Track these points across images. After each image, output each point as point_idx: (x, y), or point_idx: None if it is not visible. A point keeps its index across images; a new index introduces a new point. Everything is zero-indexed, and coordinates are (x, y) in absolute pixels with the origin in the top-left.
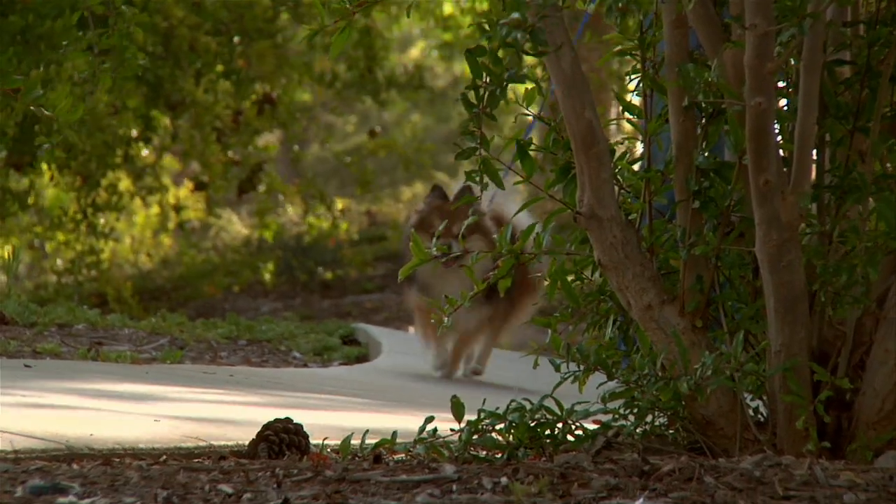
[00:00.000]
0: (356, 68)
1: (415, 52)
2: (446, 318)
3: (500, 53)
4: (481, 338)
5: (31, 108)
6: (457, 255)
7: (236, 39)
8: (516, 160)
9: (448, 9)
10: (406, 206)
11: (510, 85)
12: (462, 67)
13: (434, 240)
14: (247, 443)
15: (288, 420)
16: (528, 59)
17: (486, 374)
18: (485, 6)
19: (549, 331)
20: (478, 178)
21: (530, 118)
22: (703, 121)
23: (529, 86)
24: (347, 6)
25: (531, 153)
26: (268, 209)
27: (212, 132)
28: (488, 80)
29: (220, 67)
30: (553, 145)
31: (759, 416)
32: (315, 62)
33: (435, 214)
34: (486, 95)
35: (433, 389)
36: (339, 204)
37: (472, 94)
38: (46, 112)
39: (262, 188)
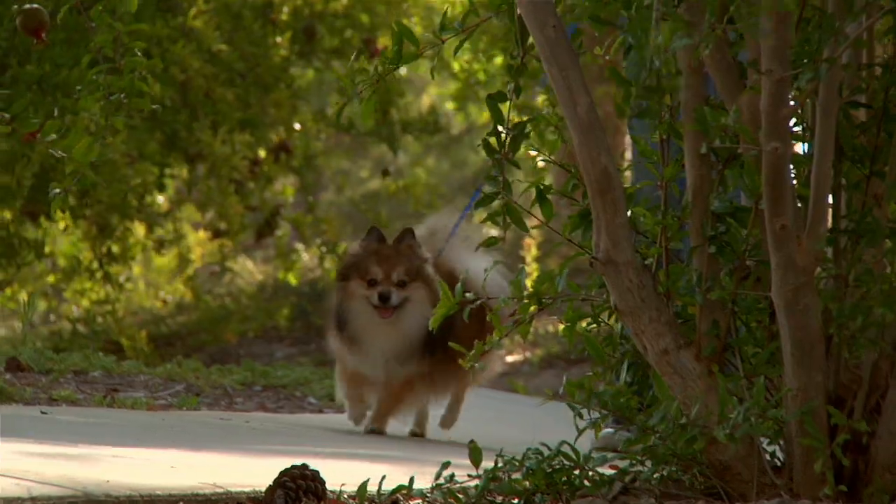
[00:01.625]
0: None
1: (428, 97)
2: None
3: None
4: (418, 397)
5: (49, 153)
6: (395, 305)
7: (252, 89)
8: (479, 206)
9: (457, 66)
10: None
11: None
12: (474, 114)
13: (369, 288)
14: (264, 489)
15: (305, 466)
16: (542, 103)
17: (497, 422)
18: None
19: (564, 377)
20: (500, 223)
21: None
22: (720, 165)
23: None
24: (372, 73)
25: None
26: (288, 252)
27: (229, 184)
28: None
29: (238, 115)
30: (572, 190)
31: (776, 460)
32: (330, 107)
33: (372, 259)
34: (507, 140)
35: (452, 435)
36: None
37: (493, 140)
38: (62, 154)
39: (279, 232)
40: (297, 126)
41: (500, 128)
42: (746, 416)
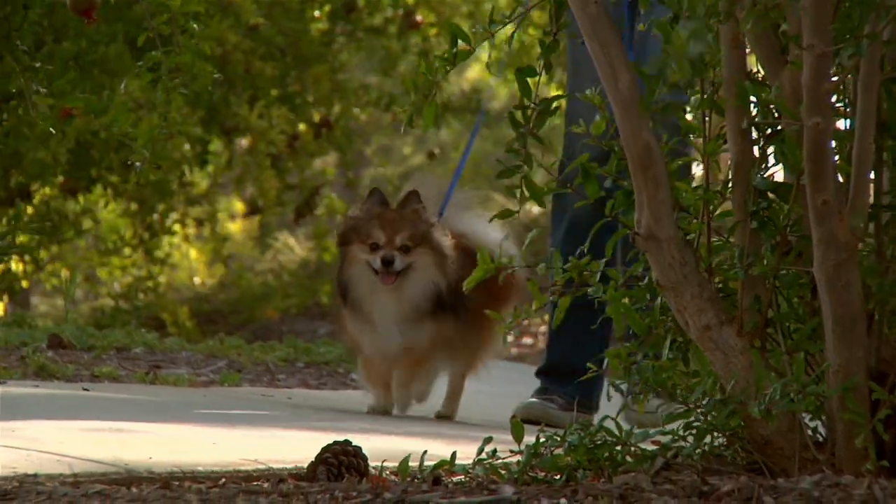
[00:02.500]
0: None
1: (472, 73)
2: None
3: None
4: (430, 365)
5: (86, 128)
6: (398, 269)
7: (291, 63)
8: (500, 177)
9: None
10: None
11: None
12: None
13: (372, 252)
14: (305, 465)
15: (347, 443)
16: None
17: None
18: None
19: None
20: (518, 197)
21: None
22: (761, 141)
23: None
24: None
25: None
26: (325, 232)
27: (266, 157)
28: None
29: (274, 92)
30: (616, 168)
31: (818, 435)
32: (372, 85)
33: (374, 223)
34: (533, 115)
35: (490, 411)
36: None
37: (519, 114)
38: (106, 131)
39: (319, 211)
40: (336, 104)
41: (526, 102)
42: (785, 391)
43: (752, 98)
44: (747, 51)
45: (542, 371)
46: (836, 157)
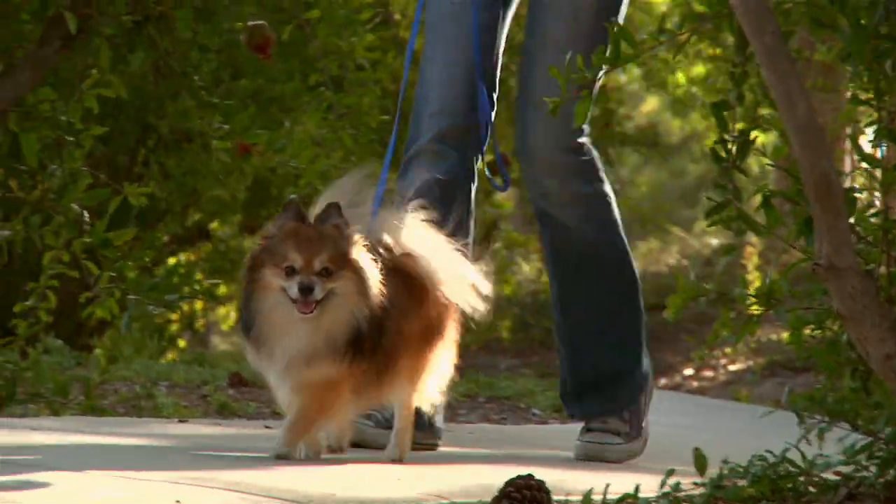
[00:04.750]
0: (594, 125)
1: (647, 106)
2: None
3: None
4: (341, 404)
5: (263, 166)
6: (317, 298)
7: None
8: (709, 215)
9: (681, 78)
10: (641, 260)
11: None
12: (693, 123)
13: (287, 278)
14: (488, 500)
15: (530, 476)
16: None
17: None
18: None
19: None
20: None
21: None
22: None
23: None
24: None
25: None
26: (504, 266)
27: None
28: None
29: None
30: (797, 195)
31: None
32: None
33: (289, 243)
34: (734, 148)
35: (672, 444)
36: None
37: (720, 148)
38: (283, 166)
39: (497, 245)
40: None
41: (725, 136)
42: None
43: None
44: None
45: None
46: None
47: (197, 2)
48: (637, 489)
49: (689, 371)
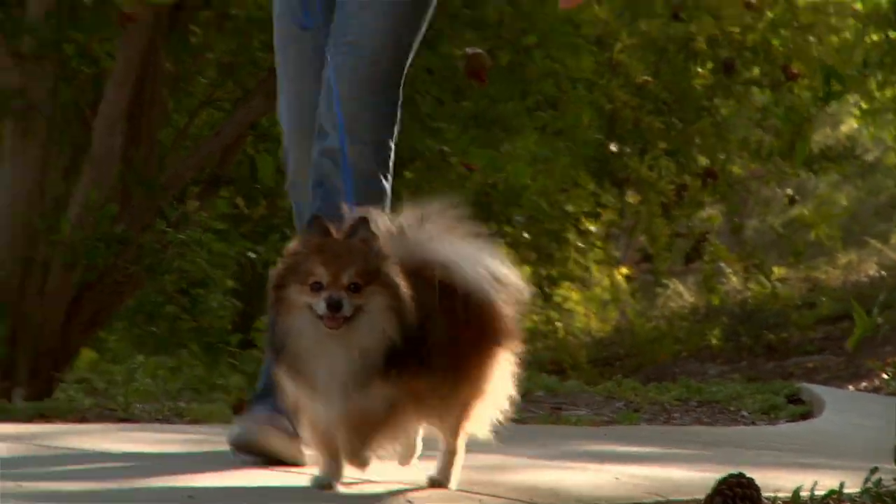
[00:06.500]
0: (782, 141)
1: (846, 127)
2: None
3: None
4: (395, 432)
5: (484, 183)
6: (347, 315)
7: (676, 117)
8: None
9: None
10: (842, 271)
11: None
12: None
13: (313, 294)
14: (702, 497)
15: (741, 475)
16: None
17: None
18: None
19: None
20: None
21: None
22: None
23: None
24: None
25: None
26: (712, 277)
27: (657, 207)
28: None
29: (662, 145)
30: None
31: None
32: (751, 138)
33: (315, 259)
34: None
35: (877, 444)
36: (777, 272)
37: None
38: (511, 185)
39: (706, 257)
40: (721, 155)
41: None
42: None
43: None
44: None
45: None
46: None
47: None
48: (842, 486)
49: (885, 376)
